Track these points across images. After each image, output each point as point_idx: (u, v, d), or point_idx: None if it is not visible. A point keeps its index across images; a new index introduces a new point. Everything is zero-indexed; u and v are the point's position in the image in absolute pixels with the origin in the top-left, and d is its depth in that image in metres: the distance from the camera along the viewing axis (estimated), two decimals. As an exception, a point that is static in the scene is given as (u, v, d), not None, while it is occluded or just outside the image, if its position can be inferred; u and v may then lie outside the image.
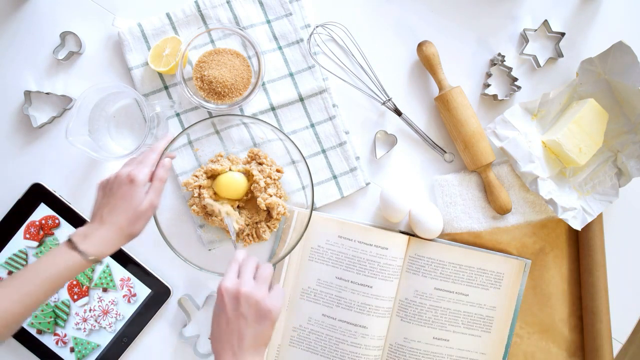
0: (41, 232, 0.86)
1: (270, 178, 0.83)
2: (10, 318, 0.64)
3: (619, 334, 0.87)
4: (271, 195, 0.82)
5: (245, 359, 0.65)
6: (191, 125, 0.81)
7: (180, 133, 0.81)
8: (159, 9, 0.87)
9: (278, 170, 0.84)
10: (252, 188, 0.83)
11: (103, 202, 0.71)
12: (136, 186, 0.70)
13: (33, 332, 0.85)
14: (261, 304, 0.67)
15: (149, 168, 0.73)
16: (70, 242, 0.68)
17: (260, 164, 0.84)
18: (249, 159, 0.85)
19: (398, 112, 0.87)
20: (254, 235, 0.85)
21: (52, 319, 0.85)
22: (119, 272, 0.86)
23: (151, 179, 0.73)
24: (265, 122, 0.82)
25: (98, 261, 0.70)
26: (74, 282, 0.86)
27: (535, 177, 0.83)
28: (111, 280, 0.86)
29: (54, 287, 0.67)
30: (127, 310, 0.86)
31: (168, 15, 0.87)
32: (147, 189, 0.72)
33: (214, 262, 0.82)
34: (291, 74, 0.87)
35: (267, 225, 0.85)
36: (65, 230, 0.86)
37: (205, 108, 0.84)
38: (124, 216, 0.69)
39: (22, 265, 0.85)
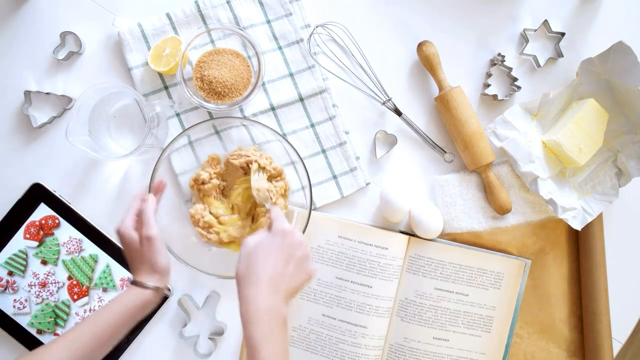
0: (41, 232, 0.86)
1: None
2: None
3: (619, 334, 0.87)
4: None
5: (282, 296, 0.65)
6: (189, 128, 0.81)
7: (179, 135, 0.81)
8: (159, 9, 0.87)
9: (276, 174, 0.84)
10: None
11: (128, 263, 0.75)
12: (124, 236, 0.73)
13: (33, 332, 0.85)
14: (308, 260, 0.69)
15: (130, 213, 0.75)
16: (135, 282, 0.71)
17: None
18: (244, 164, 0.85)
19: (398, 112, 0.87)
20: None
21: (52, 319, 0.85)
22: (119, 272, 0.86)
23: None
24: (262, 124, 0.82)
25: (163, 293, 0.73)
26: (74, 282, 0.86)
27: (535, 177, 0.83)
28: (111, 280, 0.86)
29: (129, 323, 0.69)
30: (127, 310, 0.86)
31: (168, 15, 0.87)
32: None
33: (213, 264, 0.82)
34: (291, 74, 0.87)
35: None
36: (65, 230, 0.86)
37: (205, 108, 0.84)
38: (140, 265, 0.72)
39: (22, 265, 0.85)
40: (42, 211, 0.86)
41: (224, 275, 0.81)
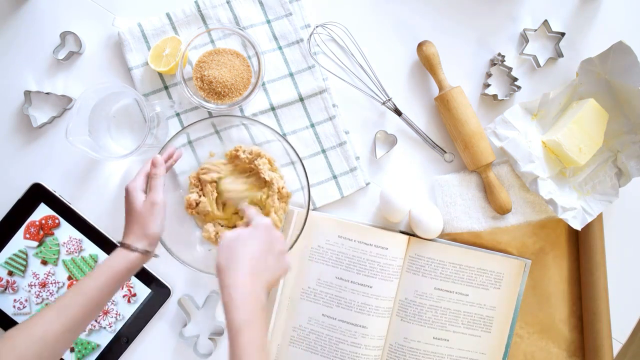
0: (41, 232, 0.86)
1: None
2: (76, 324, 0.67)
3: (619, 334, 0.87)
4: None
5: (262, 284, 0.66)
6: (189, 125, 0.81)
7: (178, 133, 0.81)
8: (159, 9, 0.87)
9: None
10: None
11: (125, 220, 0.75)
12: (130, 194, 0.74)
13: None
14: (285, 254, 0.72)
15: (140, 175, 0.76)
16: (123, 244, 0.71)
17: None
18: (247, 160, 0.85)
19: (398, 112, 0.87)
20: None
21: (52, 319, 0.85)
22: (119, 272, 0.86)
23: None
24: (262, 123, 0.82)
25: (149, 257, 0.73)
26: (74, 282, 0.86)
27: (535, 177, 0.82)
28: (111, 280, 0.86)
29: (115, 287, 0.70)
30: (127, 310, 0.86)
31: (168, 15, 0.87)
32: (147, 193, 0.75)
33: (213, 263, 0.82)
34: (291, 74, 0.87)
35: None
36: (65, 230, 0.86)
37: (205, 108, 0.84)
38: (134, 226, 0.72)
39: (22, 265, 0.85)
40: (42, 211, 0.86)
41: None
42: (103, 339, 0.86)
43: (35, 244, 0.86)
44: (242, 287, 0.64)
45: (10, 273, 0.85)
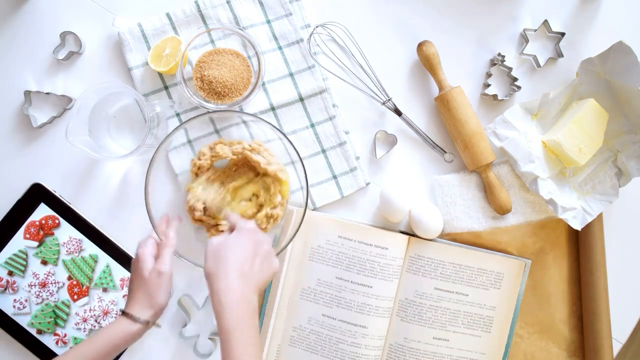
0: (41, 232, 0.86)
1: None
2: None
3: (619, 334, 0.87)
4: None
5: (251, 287, 0.67)
6: (188, 120, 0.81)
7: (177, 128, 0.81)
8: (159, 9, 0.87)
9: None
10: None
11: (128, 289, 0.74)
12: (140, 260, 0.73)
13: (33, 332, 0.85)
14: (272, 255, 0.73)
15: (151, 241, 0.75)
16: (126, 314, 0.71)
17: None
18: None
19: (398, 112, 0.87)
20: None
21: (52, 319, 0.85)
22: (119, 272, 0.86)
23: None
24: (263, 119, 0.82)
25: (151, 326, 0.73)
26: (74, 282, 0.86)
27: (535, 177, 0.83)
28: (111, 280, 0.86)
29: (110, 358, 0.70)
30: (127, 310, 0.86)
31: (168, 15, 0.87)
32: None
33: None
34: (291, 74, 0.87)
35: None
36: (65, 230, 0.86)
37: (206, 108, 0.84)
38: (140, 295, 0.72)
39: (22, 265, 0.85)
40: (42, 211, 0.86)
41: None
42: (103, 339, 0.86)
43: (35, 244, 0.86)
44: (232, 292, 0.65)
45: (10, 273, 0.86)
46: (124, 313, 0.71)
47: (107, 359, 0.69)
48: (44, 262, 0.86)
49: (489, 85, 0.88)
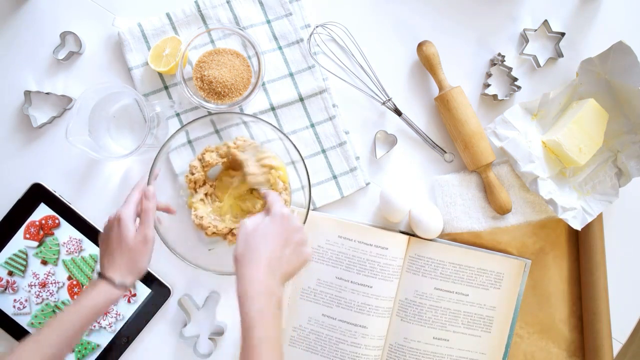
0: (41, 232, 0.86)
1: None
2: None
3: (619, 334, 0.87)
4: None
5: (278, 277, 0.66)
6: (189, 123, 0.81)
7: (178, 130, 0.81)
8: (159, 9, 0.87)
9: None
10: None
11: (102, 251, 0.72)
12: (123, 223, 0.71)
13: (33, 332, 0.85)
14: (305, 244, 0.70)
15: (132, 204, 0.73)
16: (106, 278, 0.70)
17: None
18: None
19: (398, 112, 0.87)
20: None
21: (52, 319, 0.85)
22: (119, 272, 0.86)
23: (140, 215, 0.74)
24: (263, 120, 0.82)
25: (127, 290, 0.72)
26: (74, 282, 0.86)
27: (535, 177, 0.83)
28: (111, 280, 0.86)
29: (91, 322, 0.69)
30: (127, 310, 0.86)
31: (168, 15, 0.87)
32: (137, 225, 0.73)
33: (214, 262, 0.82)
34: (291, 74, 0.87)
35: None
36: (65, 230, 0.86)
37: (205, 108, 0.84)
38: (122, 260, 0.70)
39: (22, 265, 0.85)
40: (42, 211, 0.86)
41: (223, 272, 0.81)
42: (103, 339, 0.86)
43: (35, 244, 0.86)
44: (257, 283, 0.64)
45: (10, 273, 0.86)
46: (103, 277, 0.69)
47: (89, 324, 0.69)
48: (44, 262, 0.86)
49: (489, 85, 0.88)
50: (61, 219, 0.86)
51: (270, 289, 0.65)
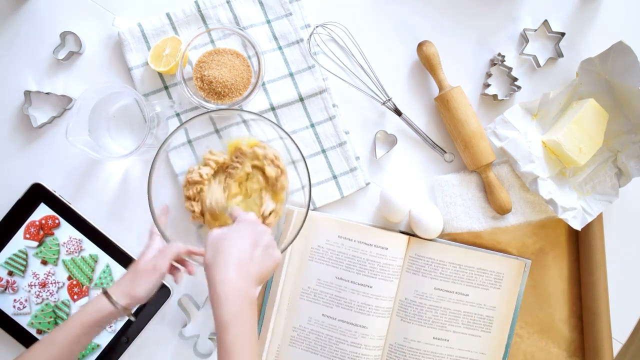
0: (41, 232, 0.86)
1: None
2: None
3: (619, 334, 0.87)
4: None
5: (250, 278, 0.66)
6: (189, 120, 0.81)
7: (177, 128, 0.81)
8: (159, 9, 0.87)
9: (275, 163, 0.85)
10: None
11: (129, 268, 0.76)
12: (145, 250, 0.76)
13: (33, 332, 0.85)
14: (273, 246, 0.71)
15: (162, 241, 0.78)
16: (107, 295, 0.71)
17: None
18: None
19: (398, 112, 0.88)
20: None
21: (52, 319, 0.85)
22: (119, 272, 0.86)
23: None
24: (264, 117, 0.82)
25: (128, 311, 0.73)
26: (74, 282, 0.86)
27: (535, 177, 0.83)
28: (111, 280, 0.86)
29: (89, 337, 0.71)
30: (127, 310, 0.86)
31: (168, 15, 0.87)
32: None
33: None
34: (291, 74, 0.87)
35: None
36: (65, 230, 0.86)
37: (205, 108, 0.84)
38: (126, 280, 0.73)
39: (22, 265, 0.85)
40: (42, 211, 0.86)
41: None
42: (103, 339, 0.86)
43: (35, 244, 0.86)
44: (229, 284, 0.64)
45: (10, 273, 0.86)
46: (106, 293, 0.71)
47: (91, 334, 0.70)
48: (44, 262, 0.86)
49: (489, 85, 0.88)
50: (61, 219, 0.86)
51: (243, 289, 0.65)
